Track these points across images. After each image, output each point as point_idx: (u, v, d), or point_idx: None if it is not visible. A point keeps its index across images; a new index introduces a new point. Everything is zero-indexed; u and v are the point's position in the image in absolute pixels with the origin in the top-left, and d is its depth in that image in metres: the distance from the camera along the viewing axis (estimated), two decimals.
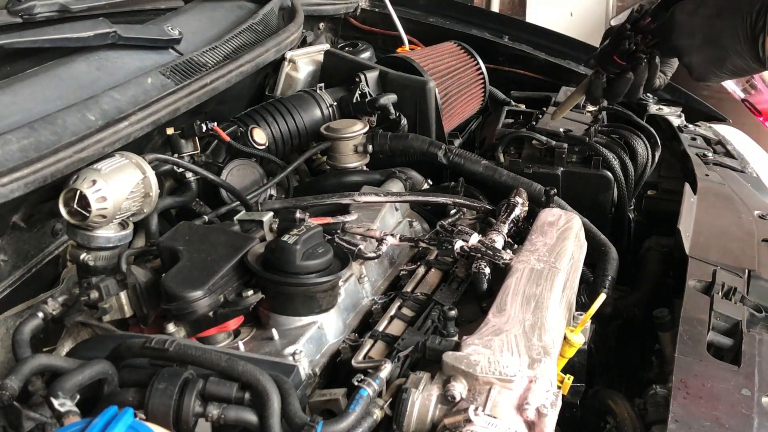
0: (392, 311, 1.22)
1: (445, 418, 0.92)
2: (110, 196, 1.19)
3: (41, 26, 1.48)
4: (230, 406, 0.89)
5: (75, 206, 1.18)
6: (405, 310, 1.24)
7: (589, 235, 1.43)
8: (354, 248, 1.31)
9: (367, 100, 1.89)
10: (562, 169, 1.79)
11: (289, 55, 2.03)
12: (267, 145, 1.73)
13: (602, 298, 1.12)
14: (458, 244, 1.30)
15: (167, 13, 1.89)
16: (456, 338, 1.06)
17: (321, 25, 2.49)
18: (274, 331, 1.13)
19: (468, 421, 0.88)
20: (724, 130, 2.21)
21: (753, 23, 1.16)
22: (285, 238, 1.13)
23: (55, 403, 0.84)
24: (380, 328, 1.18)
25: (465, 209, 1.60)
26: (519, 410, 0.91)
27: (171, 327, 1.11)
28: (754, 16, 1.15)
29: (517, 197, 1.52)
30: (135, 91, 1.46)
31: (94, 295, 1.12)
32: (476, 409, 0.89)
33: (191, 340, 1.12)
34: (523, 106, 2.29)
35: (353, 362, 1.09)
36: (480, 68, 2.31)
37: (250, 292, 1.13)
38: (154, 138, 1.55)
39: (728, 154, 1.99)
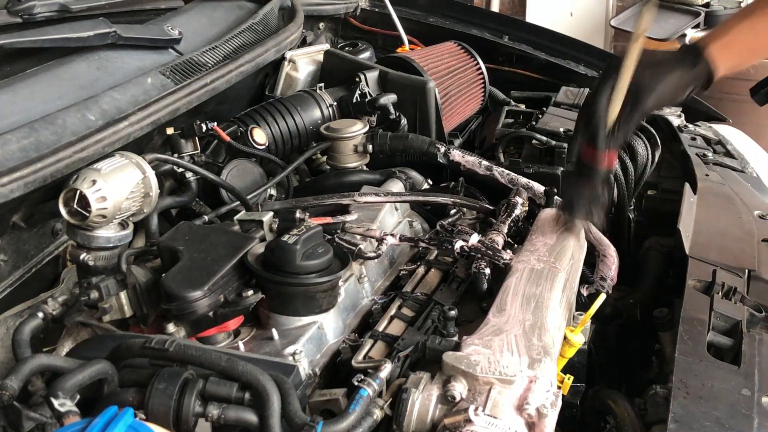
0: (392, 311, 1.22)
1: (445, 418, 0.92)
2: (110, 196, 1.19)
3: (41, 26, 1.48)
4: (230, 406, 0.89)
5: (75, 206, 1.18)
6: (405, 310, 1.23)
7: (589, 235, 1.43)
8: (354, 248, 1.31)
9: (367, 100, 1.89)
10: (562, 169, 1.79)
11: (289, 55, 2.03)
12: (267, 145, 1.73)
13: (602, 298, 1.12)
14: (458, 244, 1.30)
15: (167, 13, 1.89)
16: (456, 338, 1.06)
17: (321, 25, 2.49)
18: (274, 331, 1.13)
19: (468, 421, 0.88)
20: (724, 130, 2.20)
21: None
22: (285, 238, 1.13)
23: (55, 403, 0.84)
24: (380, 328, 1.18)
25: (465, 209, 1.60)
26: (519, 410, 0.91)
27: (171, 327, 1.11)
28: None
29: (517, 197, 1.52)
30: (135, 91, 1.46)
31: (94, 295, 1.12)
32: (476, 409, 0.89)
33: (191, 340, 1.12)
34: (523, 106, 2.29)
35: (353, 362, 1.09)
36: (480, 68, 2.31)
37: (250, 292, 1.13)
38: (154, 138, 1.55)
39: (728, 154, 1.99)
